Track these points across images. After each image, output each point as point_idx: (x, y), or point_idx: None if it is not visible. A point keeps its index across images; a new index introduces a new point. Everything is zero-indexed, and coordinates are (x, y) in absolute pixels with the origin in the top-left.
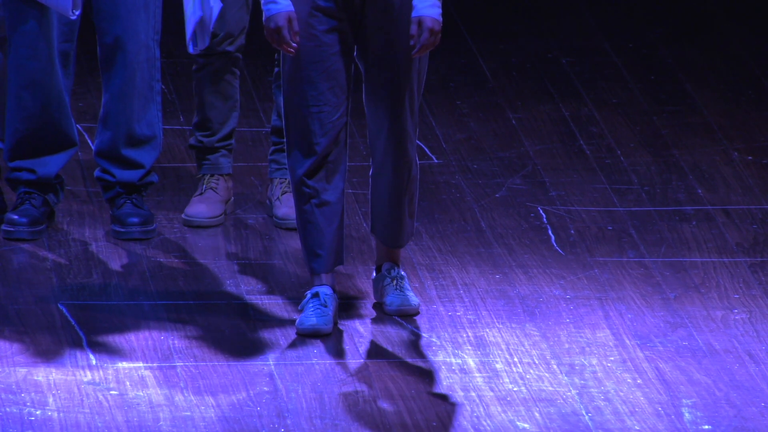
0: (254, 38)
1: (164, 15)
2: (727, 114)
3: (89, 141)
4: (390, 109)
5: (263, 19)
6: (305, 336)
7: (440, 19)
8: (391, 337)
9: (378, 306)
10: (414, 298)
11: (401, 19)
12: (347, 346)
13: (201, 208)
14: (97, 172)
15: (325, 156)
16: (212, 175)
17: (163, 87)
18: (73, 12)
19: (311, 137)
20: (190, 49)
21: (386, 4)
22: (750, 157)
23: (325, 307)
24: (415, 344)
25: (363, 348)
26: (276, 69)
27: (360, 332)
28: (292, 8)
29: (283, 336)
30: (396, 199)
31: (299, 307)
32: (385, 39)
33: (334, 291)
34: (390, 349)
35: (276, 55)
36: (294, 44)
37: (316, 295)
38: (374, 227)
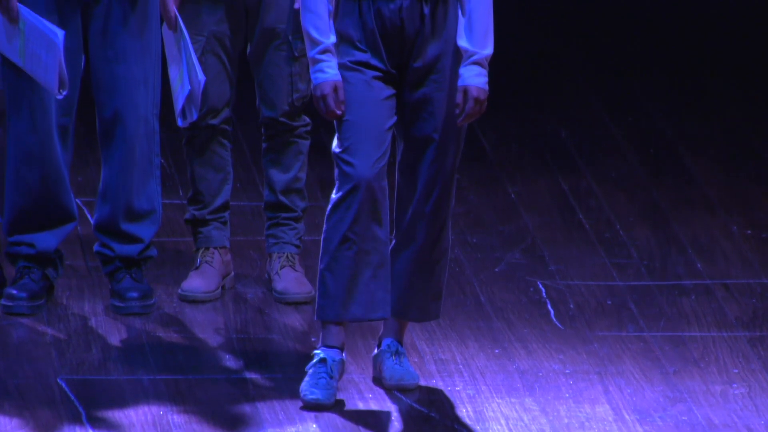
0: (253, 112)
1: (163, 89)
2: (727, 188)
3: (88, 215)
4: (431, 175)
5: (311, 86)
6: (307, 409)
7: (486, 88)
8: (391, 411)
9: (378, 380)
10: (413, 373)
11: (447, 85)
12: (347, 420)
13: (197, 282)
14: (96, 247)
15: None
16: (207, 249)
17: (163, 161)
18: (60, 92)
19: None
20: (180, 123)
21: (433, 67)
22: (749, 231)
23: (331, 378)
24: (414, 419)
25: (362, 423)
26: (264, 144)
27: (359, 407)
28: (338, 77)
29: (282, 410)
30: (419, 275)
31: (307, 368)
32: (429, 103)
33: (343, 349)
34: (389, 423)
35: (263, 129)
36: (339, 112)
37: (323, 362)
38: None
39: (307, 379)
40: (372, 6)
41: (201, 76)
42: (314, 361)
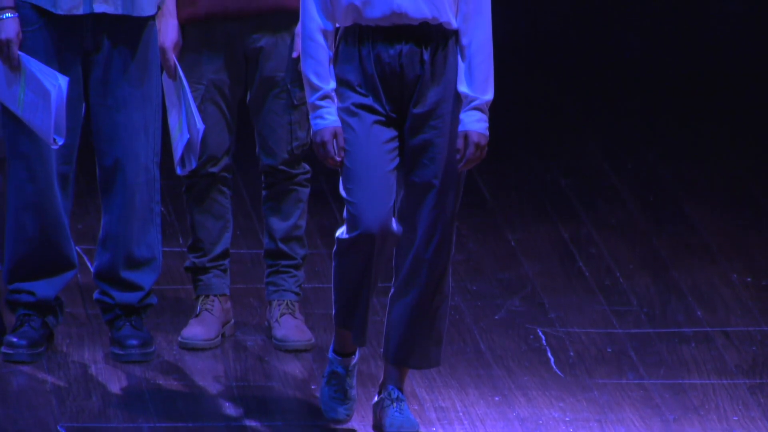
0: (253, 159)
1: (163, 136)
2: (727, 235)
3: (89, 263)
4: (431, 221)
5: (310, 132)
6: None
7: (487, 133)
8: None
9: (378, 428)
10: (413, 420)
11: (447, 130)
12: None
13: (197, 330)
14: (96, 294)
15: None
16: (207, 296)
17: (163, 209)
18: (55, 141)
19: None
20: (179, 171)
21: (433, 113)
22: (749, 279)
23: (346, 395)
24: None
25: None
26: (264, 192)
27: None
28: (338, 123)
29: None
30: (420, 321)
31: (324, 373)
32: (429, 149)
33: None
34: None
35: (263, 176)
36: (338, 159)
37: (336, 376)
38: (387, 349)
39: (325, 391)
40: (372, 51)
41: (200, 125)
42: (328, 371)
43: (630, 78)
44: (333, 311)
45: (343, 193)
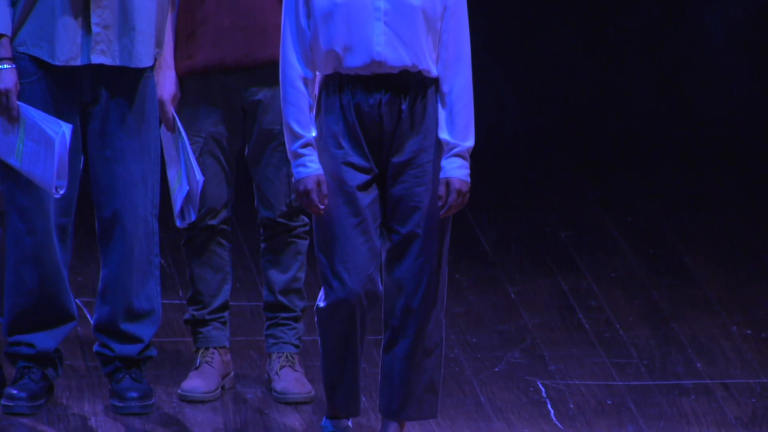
0: (252, 212)
1: (162, 188)
2: (726, 287)
3: (88, 315)
4: (416, 270)
5: (292, 180)
6: None
7: (468, 180)
8: None
9: None
10: None
11: (428, 179)
12: None
13: (197, 382)
14: (96, 347)
15: (353, 306)
16: (207, 349)
17: (162, 261)
18: (56, 191)
19: (347, 290)
20: (178, 224)
21: (412, 161)
22: (749, 331)
23: None
24: None
25: None
26: (263, 245)
27: None
28: (321, 171)
29: None
30: (412, 371)
31: None
32: (411, 198)
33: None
34: None
35: (261, 229)
36: (322, 207)
37: None
38: (382, 403)
39: None
40: (352, 100)
41: (199, 176)
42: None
43: (629, 131)
44: (322, 381)
45: (320, 256)
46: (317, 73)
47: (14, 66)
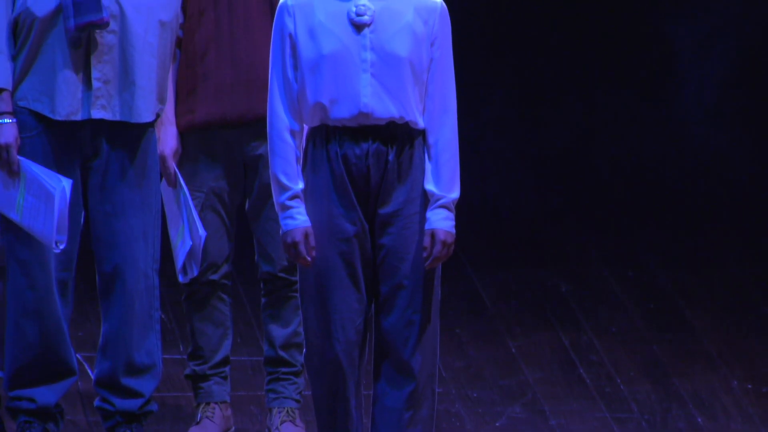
0: (252, 266)
1: (163, 243)
2: (727, 341)
3: (89, 370)
4: (404, 323)
5: (280, 231)
6: None
7: (453, 231)
8: None
9: None
10: None
11: (416, 230)
12: None
13: None
14: (96, 402)
15: (340, 361)
16: (208, 404)
17: (163, 316)
18: (56, 245)
19: (332, 342)
20: (181, 279)
21: (399, 213)
22: (750, 385)
23: None
24: None
25: None
26: (264, 299)
27: None
28: (308, 224)
29: None
30: (401, 426)
31: None
32: (398, 249)
33: None
34: None
35: (262, 284)
36: (309, 259)
37: None
38: None
39: None
40: (339, 151)
41: (202, 231)
42: None
43: (629, 186)
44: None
45: (306, 307)
46: (304, 125)
47: (15, 120)
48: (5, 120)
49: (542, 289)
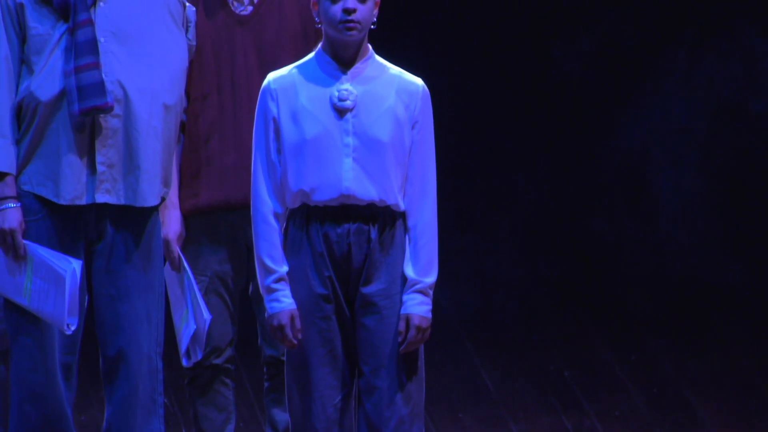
0: (255, 350)
1: (166, 326)
2: (730, 426)
3: None
4: (387, 400)
5: (266, 314)
6: None
7: (429, 316)
8: None
9: None
10: None
11: (396, 310)
12: None
13: None
14: None
15: None
16: None
17: (166, 400)
18: (68, 327)
19: (313, 420)
20: (185, 363)
21: (381, 292)
22: None
23: None
24: None
25: None
26: (267, 383)
27: None
28: (294, 306)
29: None
30: None
31: None
32: (379, 330)
33: None
34: None
35: (265, 368)
36: (295, 341)
37: None
38: None
39: None
40: (320, 230)
41: (207, 315)
42: None
43: (631, 271)
44: None
45: (290, 386)
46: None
47: (19, 204)
48: (9, 204)
49: (545, 373)
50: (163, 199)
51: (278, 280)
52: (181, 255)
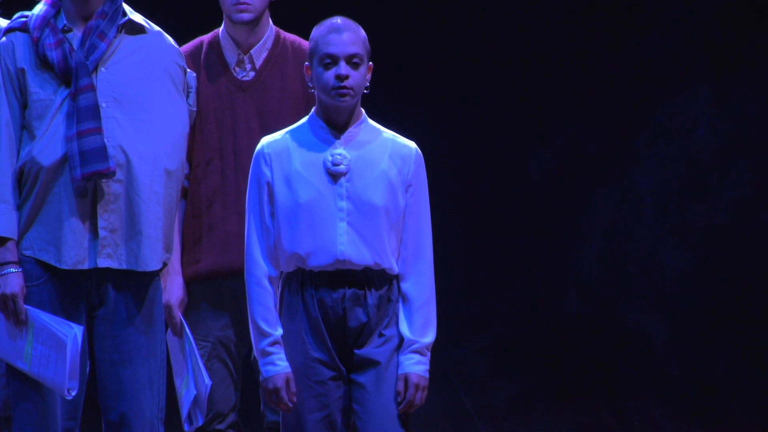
0: (258, 416)
1: (168, 392)
2: None
3: None
4: None
5: (260, 377)
6: None
7: (426, 375)
8: None
9: None
10: None
11: (392, 372)
12: None
13: None
14: None
15: None
16: None
17: None
18: (69, 392)
19: None
20: (186, 428)
21: (370, 360)
22: None
23: None
24: None
25: None
26: None
27: None
28: (289, 369)
29: None
30: None
31: None
32: (373, 392)
33: None
34: None
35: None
36: (291, 404)
37: None
38: None
39: None
40: (315, 295)
41: (207, 380)
42: None
43: (634, 334)
44: None
45: None
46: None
47: (21, 269)
48: (11, 269)
49: None
50: (165, 264)
51: (273, 344)
52: (183, 320)
